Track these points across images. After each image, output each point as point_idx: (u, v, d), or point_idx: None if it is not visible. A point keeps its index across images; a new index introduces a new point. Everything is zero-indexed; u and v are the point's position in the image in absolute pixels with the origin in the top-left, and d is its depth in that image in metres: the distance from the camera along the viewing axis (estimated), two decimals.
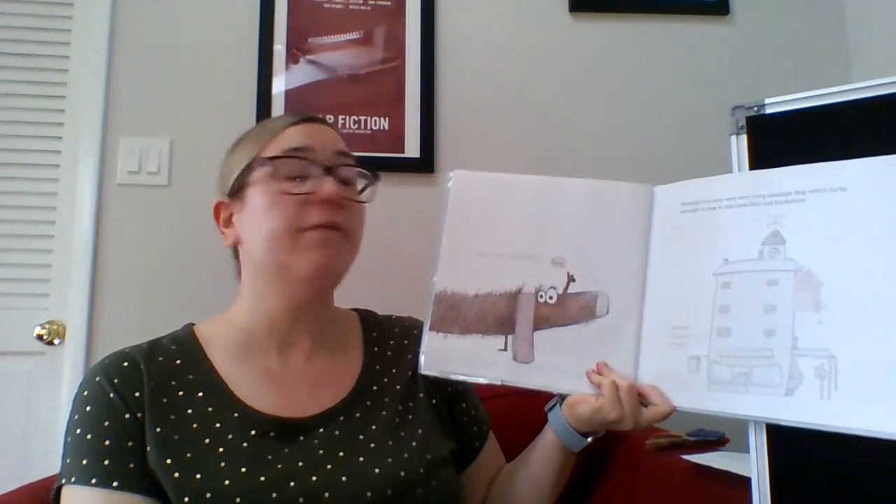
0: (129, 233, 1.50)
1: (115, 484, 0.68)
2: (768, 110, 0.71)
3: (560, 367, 0.77)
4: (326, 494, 0.71)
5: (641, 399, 0.72)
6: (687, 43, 1.68)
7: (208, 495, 0.67)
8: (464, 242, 0.81)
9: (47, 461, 1.37)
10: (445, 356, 0.78)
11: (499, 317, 0.78)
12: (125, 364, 0.75)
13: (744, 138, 0.72)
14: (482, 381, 0.78)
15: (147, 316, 1.46)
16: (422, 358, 0.79)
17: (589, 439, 0.79)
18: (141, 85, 1.54)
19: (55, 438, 1.43)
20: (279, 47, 1.57)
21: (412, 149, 1.56)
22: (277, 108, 1.54)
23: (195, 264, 1.49)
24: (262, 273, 0.79)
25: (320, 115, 0.86)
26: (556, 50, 1.65)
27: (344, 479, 0.72)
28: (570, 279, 0.78)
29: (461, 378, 0.79)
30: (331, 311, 0.87)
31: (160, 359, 0.77)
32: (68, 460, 0.71)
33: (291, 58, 1.57)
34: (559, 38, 1.65)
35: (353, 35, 1.60)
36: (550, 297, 0.78)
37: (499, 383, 0.77)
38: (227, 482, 0.69)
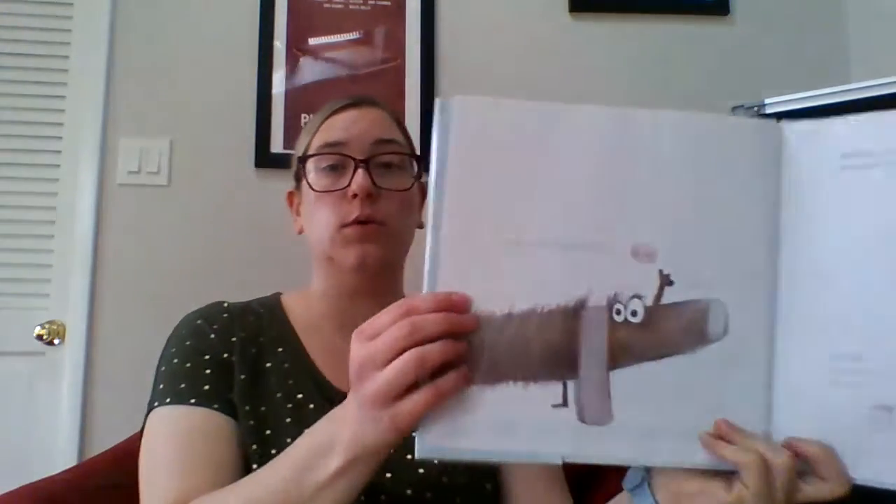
0: (129, 233, 1.50)
1: (215, 406, 0.69)
2: (768, 110, 0.71)
3: (654, 426, 0.50)
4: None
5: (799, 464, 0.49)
6: (687, 43, 1.67)
7: (273, 451, 0.68)
8: (479, 225, 0.51)
9: (47, 461, 1.36)
10: (461, 423, 0.49)
11: (550, 349, 0.50)
12: (224, 315, 0.77)
13: None
14: (533, 460, 0.53)
15: (147, 316, 1.46)
16: (419, 431, 0.49)
17: None
18: (141, 85, 1.54)
19: (55, 438, 1.44)
20: (279, 47, 1.57)
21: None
22: (277, 108, 1.54)
23: (195, 264, 1.49)
24: (317, 261, 0.81)
25: (367, 97, 0.82)
26: (556, 50, 1.65)
27: (388, 475, 0.72)
28: (666, 281, 0.51)
29: (492, 459, 0.52)
30: (397, 298, 0.85)
31: (250, 318, 0.79)
32: (161, 386, 0.71)
33: (291, 58, 1.57)
34: (559, 38, 1.65)
35: (353, 35, 1.59)
36: (633, 313, 0.51)
37: (559, 462, 0.50)
38: (288, 441, 0.68)
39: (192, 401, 0.69)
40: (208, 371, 0.71)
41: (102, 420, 1.44)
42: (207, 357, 0.73)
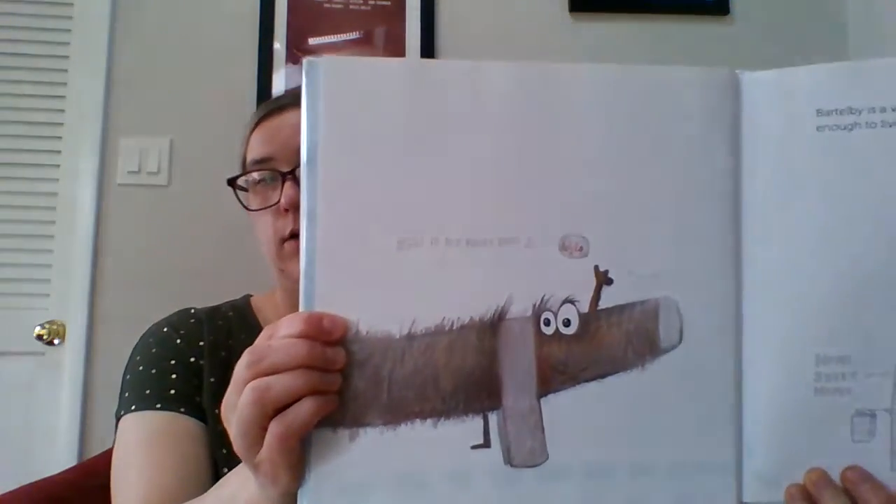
0: (129, 233, 1.50)
1: (182, 409, 0.68)
2: None
3: (601, 463, 0.41)
4: None
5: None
6: (687, 43, 1.68)
7: None
8: (364, 218, 0.40)
9: (47, 461, 1.36)
10: (353, 478, 0.39)
11: (464, 375, 0.40)
12: (191, 320, 0.78)
13: None
14: None
15: (147, 316, 1.44)
16: (300, 489, 0.39)
17: None
18: (141, 85, 1.54)
19: (55, 438, 1.44)
20: (279, 47, 1.57)
21: None
22: None
23: (195, 264, 1.49)
24: (272, 268, 0.80)
25: (287, 97, 0.78)
26: (556, 50, 1.65)
27: None
28: (604, 280, 0.42)
29: None
30: None
31: (219, 322, 0.79)
32: (127, 394, 0.71)
33: (291, 58, 1.57)
34: (559, 38, 1.65)
35: (353, 35, 1.59)
36: (566, 322, 0.41)
37: None
38: None
39: (158, 405, 0.68)
40: (174, 376, 0.71)
41: (102, 420, 1.44)
42: (174, 362, 0.72)
